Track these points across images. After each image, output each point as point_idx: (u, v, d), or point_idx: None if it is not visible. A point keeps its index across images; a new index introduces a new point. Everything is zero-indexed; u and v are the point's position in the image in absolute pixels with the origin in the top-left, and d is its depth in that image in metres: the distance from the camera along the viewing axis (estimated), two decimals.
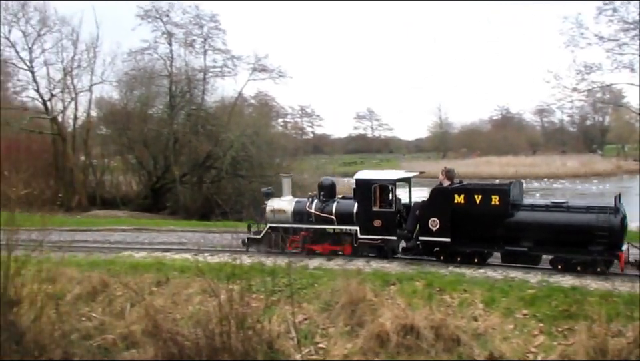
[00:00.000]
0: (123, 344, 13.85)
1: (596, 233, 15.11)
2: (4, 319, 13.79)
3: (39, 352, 13.84)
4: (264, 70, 51.65)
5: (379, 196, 17.88)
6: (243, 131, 48.07)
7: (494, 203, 16.19)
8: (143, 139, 50.83)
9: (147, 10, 49.57)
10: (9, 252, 14.21)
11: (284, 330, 13.42)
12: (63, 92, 51.60)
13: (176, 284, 16.03)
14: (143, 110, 52.59)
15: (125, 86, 53.15)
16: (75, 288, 16.31)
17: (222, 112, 53.29)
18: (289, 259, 14.84)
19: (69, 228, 25.93)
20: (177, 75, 50.64)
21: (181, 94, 50.74)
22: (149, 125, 51.06)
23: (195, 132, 48.98)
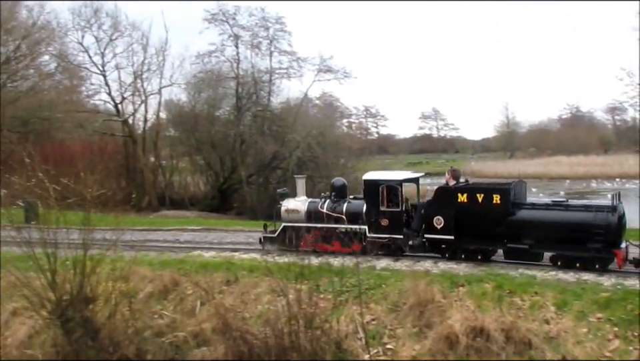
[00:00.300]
0: (194, 342, 14.14)
1: (594, 231, 15.48)
2: (80, 315, 14.24)
3: (113, 348, 14.25)
4: (329, 71, 51.86)
5: (386, 196, 18.39)
6: (309, 132, 48.35)
7: (495, 202, 16.61)
8: (210, 140, 51.64)
9: (214, 13, 50.46)
10: (85, 251, 14.68)
11: (352, 330, 13.46)
12: (133, 95, 53.05)
13: (245, 283, 16.21)
14: (210, 112, 53.48)
15: (193, 89, 54.17)
16: (147, 286, 16.67)
17: (287, 113, 53.72)
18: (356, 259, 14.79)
19: (141, 227, 26.57)
20: (244, 77, 51.30)
21: (247, 96, 51.36)
22: (216, 127, 51.85)
23: (261, 134, 49.52)
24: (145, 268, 17.47)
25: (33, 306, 14.74)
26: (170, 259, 18.80)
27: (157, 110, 55.00)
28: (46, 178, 15.15)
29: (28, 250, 14.70)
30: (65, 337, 14.38)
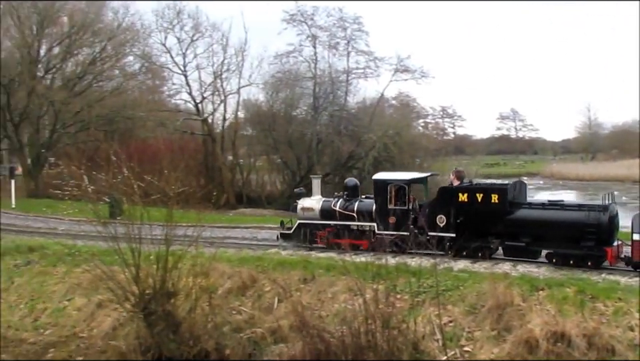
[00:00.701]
0: (271, 338, 14.32)
1: (586, 229, 16.26)
2: (162, 309, 14.63)
3: (193, 342, 14.58)
4: (406, 70, 51.57)
5: (394, 195, 19.44)
6: (385, 132, 48.19)
7: (494, 201, 17.46)
8: (287, 140, 52.13)
9: (292, 14, 50.95)
10: (167, 247, 15.07)
11: (429, 332, 13.36)
12: (213, 94, 54.14)
13: (321, 281, 16.30)
14: (287, 112, 54.01)
15: (271, 89, 54.81)
16: (226, 283, 16.97)
17: (364, 113, 53.68)
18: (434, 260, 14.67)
19: (220, 225, 27.08)
20: (321, 77, 51.60)
21: (325, 96, 51.62)
22: (293, 126, 52.31)
23: (338, 133, 49.69)
24: (224, 265, 17.79)
25: (118, 299, 15.22)
26: (248, 256, 19.09)
27: (235, 109, 56.01)
28: (131, 175, 15.64)
29: (113, 245, 15.19)
30: (147, 330, 14.80)
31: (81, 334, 16.90)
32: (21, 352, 15.96)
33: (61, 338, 16.86)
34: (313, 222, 20.86)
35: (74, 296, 18.77)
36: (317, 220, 20.84)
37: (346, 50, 51.29)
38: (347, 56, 51.40)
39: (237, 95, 54.71)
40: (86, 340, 16.45)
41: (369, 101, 55.51)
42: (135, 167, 15.89)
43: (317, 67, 51.52)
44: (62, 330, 17.31)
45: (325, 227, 20.66)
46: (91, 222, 16.40)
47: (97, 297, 17.66)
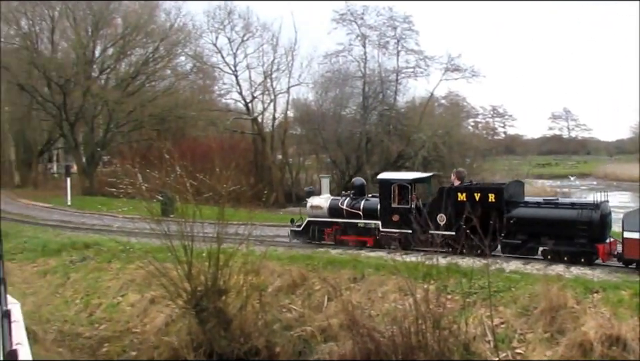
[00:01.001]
0: (321, 337, 14.36)
1: (578, 227, 16.65)
2: (213, 306, 14.82)
3: (244, 339, 14.75)
4: (457, 70, 51.08)
5: (398, 194, 20.02)
6: (435, 131, 47.85)
7: (491, 200, 17.95)
8: (336, 139, 52.15)
9: (342, 14, 50.97)
10: (218, 245, 15.26)
11: (480, 333, 13.22)
12: (263, 94, 54.48)
13: (371, 281, 16.28)
14: (336, 111, 54.02)
15: (320, 88, 54.92)
16: (276, 281, 17.09)
17: (413, 112, 53.38)
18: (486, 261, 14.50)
19: (270, 223, 27.26)
20: (370, 76, 51.50)
21: (374, 95, 51.51)
22: (342, 125, 52.32)
23: (387, 133, 49.54)
24: (274, 263, 17.91)
25: (170, 295, 15.48)
26: (298, 255, 19.16)
27: (285, 108, 56.31)
28: (183, 173, 15.89)
29: (166, 242, 15.45)
30: (199, 326, 15.02)
31: (134, 329, 17.22)
32: (77, 346, 16.35)
33: (115, 332, 17.21)
34: (322, 220, 21.57)
35: (127, 292, 19.14)
36: (325, 217, 21.57)
37: (396, 50, 51.09)
38: (397, 55, 51.20)
39: (287, 94, 55.09)
40: (139, 335, 16.76)
41: (418, 100, 55.22)
42: (187, 166, 16.13)
43: (366, 66, 51.47)
44: (116, 325, 17.66)
45: (332, 224, 21.34)
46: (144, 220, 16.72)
47: (149, 293, 17.98)
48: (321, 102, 55.66)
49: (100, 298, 19.52)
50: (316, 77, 54.66)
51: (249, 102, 54.39)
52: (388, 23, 50.89)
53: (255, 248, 17.27)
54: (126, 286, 19.55)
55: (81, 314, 18.84)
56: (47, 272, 22.65)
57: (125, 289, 19.42)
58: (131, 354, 15.84)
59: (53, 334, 16.76)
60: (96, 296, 19.68)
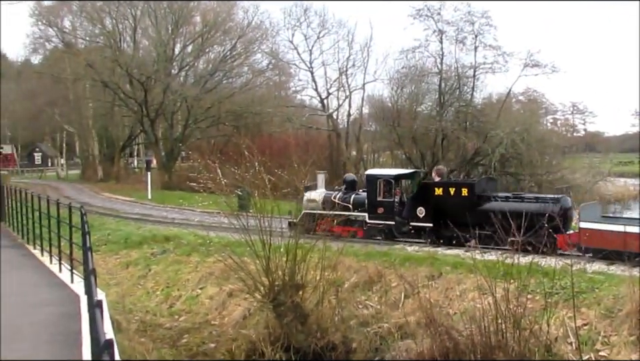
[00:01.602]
0: (398, 334, 14.30)
1: (541, 219, 17.08)
2: (291, 301, 14.96)
3: (320, 334, 14.83)
4: (536, 65, 49.71)
5: (383, 188, 21.68)
6: (513, 128, 46.86)
7: (464, 194, 19.70)
8: (411, 135, 51.74)
9: (419, 9, 50.40)
10: (296, 240, 15.39)
11: (562, 334, 12.91)
12: (338, 90, 54.55)
13: (449, 279, 16.11)
14: (412, 107, 53.59)
15: (396, 84, 54.59)
16: (353, 277, 17.11)
17: (490, 109, 52.43)
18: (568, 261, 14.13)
19: None
20: (447, 72, 50.79)
21: (450, 92, 50.82)
22: (417, 122, 51.86)
23: (463, 129, 48.78)
24: (351, 259, 17.95)
25: (248, 289, 15.71)
26: (374, 251, 19.14)
27: (360, 105, 56.23)
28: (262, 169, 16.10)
29: (245, 236, 15.68)
30: (276, 320, 15.20)
31: (213, 322, 17.55)
32: (158, 336, 16.75)
33: (195, 324, 17.58)
34: (316, 212, 22.57)
35: (206, 285, 19.52)
36: (319, 210, 22.72)
37: (473, 45, 50.10)
38: (475, 51, 50.21)
39: (362, 91, 54.98)
40: (217, 328, 17.07)
41: (495, 97, 54.19)
42: (265, 161, 16.33)
43: (443, 62, 50.74)
44: (195, 316, 18.04)
45: (325, 217, 22.06)
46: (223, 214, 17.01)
47: (228, 286, 18.29)
48: (396, 98, 55.29)
49: (180, 290, 19.98)
50: (391, 73, 54.35)
51: (324, 99, 54.60)
52: (465, 18, 50.00)
53: (331, 243, 17.33)
54: (205, 278, 19.94)
55: (161, 305, 19.33)
56: (129, 263, 23.36)
57: (203, 282, 19.82)
58: (210, 345, 16.13)
59: (136, 324, 17.23)
60: (176, 288, 20.15)
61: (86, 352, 9.64)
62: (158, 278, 21.25)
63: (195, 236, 23.10)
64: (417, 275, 16.20)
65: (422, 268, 16.87)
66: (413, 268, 16.80)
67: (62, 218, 17.55)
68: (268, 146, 38.01)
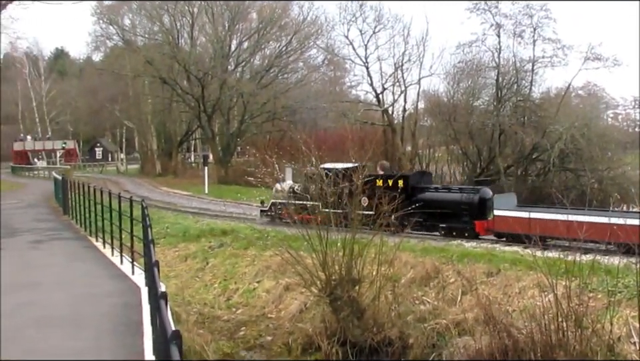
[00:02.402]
0: (456, 330, 14.17)
1: (462, 207, 21.28)
2: (347, 295, 14.98)
3: (377, 329, 14.81)
4: (597, 59, 48.52)
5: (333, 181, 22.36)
6: (572, 123, 45.87)
7: (400, 186, 21.93)
8: (468, 130, 51.17)
9: (476, 3, 49.75)
10: (352, 235, 15.40)
11: (625, 334, 12.60)
12: (393, 85, 54.28)
13: (507, 276, 15.89)
14: (468, 102, 53.00)
15: (452, 79, 54.05)
16: (409, 272, 17.04)
17: (548, 103, 51.42)
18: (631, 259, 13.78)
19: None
20: (505, 67, 50.02)
21: (508, 86, 50.06)
22: (474, 117, 51.25)
23: (521, 124, 47.99)
24: (407, 255, 17.87)
25: (305, 283, 15.78)
26: (430, 247, 19.03)
27: (415, 100, 55.86)
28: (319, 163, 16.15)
29: (302, 231, 15.76)
30: (333, 315, 15.23)
31: (270, 315, 17.71)
32: (216, 328, 16.98)
33: (252, 317, 17.77)
34: (281, 201, 25.47)
35: (263, 278, 19.71)
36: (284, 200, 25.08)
37: (532, 39, 49.22)
38: (533, 44, 49.30)
39: (418, 86, 54.59)
40: (274, 321, 17.21)
41: (553, 91, 53.08)
42: (323, 156, 16.37)
43: (500, 56, 50.00)
44: (252, 309, 18.23)
45: (288, 205, 24.17)
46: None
47: (284, 280, 18.42)
48: (452, 93, 54.76)
49: (237, 283, 20.22)
50: (447, 68, 53.82)
51: (379, 94, 54.35)
52: (524, 11, 49.09)
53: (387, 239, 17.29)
54: (261, 272, 20.13)
55: (219, 297, 19.59)
56: (187, 256, 23.74)
57: (260, 275, 20.01)
58: (267, 338, 16.28)
59: (194, 316, 17.50)
60: (233, 281, 20.40)
61: (147, 342, 9.85)
62: (215, 271, 21.54)
63: (252, 230, 23.33)
64: (474, 271, 16.02)
65: (480, 264, 16.68)
66: (471, 265, 16.62)
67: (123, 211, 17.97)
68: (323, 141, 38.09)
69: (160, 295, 5.84)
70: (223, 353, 15.26)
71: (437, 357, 13.87)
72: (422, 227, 21.63)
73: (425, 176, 25.58)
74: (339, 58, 58.67)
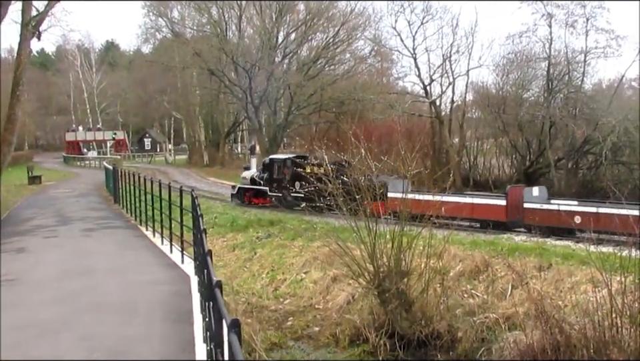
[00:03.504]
0: (506, 325, 13.99)
1: None
2: (396, 288, 14.91)
3: (425, 321, 14.71)
4: None
5: (276, 169, 30.69)
6: (626, 115, 44.79)
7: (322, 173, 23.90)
8: (517, 123, 50.44)
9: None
10: (401, 227, 15.31)
11: None
12: (441, 77, 53.77)
13: (559, 270, 15.61)
14: (518, 94, 52.22)
15: (501, 70, 53.30)
16: (458, 265, 16.88)
17: (601, 95, 50.32)
18: None
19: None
20: (556, 58, 49.10)
21: (559, 77, 49.13)
22: (523, 109, 50.48)
23: (572, 117, 47.07)
24: (456, 248, 17.71)
25: (353, 274, 15.75)
26: (479, 240, 18.82)
27: (463, 91, 55.26)
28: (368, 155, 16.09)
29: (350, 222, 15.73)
30: (380, 306, 15.19)
31: (317, 306, 17.74)
32: (264, 318, 17.08)
33: (299, 308, 17.83)
34: (243, 186, 32.59)
35: (310, 269, 19.76)
36: (247, 185, 32.54)
37: (584, 29, 48.13)
38: (586, 35, 48.26)
39: (466, 77, 53.98)
40: (322, 312, 17.25)
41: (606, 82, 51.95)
42: (372, 148, 16.30)
43: (551, 47, 49.05)
44: (299, 300, 18.30)
45: (248, 190, 32.20)
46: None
47: (332, 271, 18.43)
48: (501, 84, 54.00)
49: (284, 273, 20.31)
50: (497, 59, 53.14)
51: (427, 85, 53.89)
52: (577, 1, 48.09)
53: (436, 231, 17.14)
54: (309, 263, 20.19)
55: (266, 288, 19.71)
56: (235, 246, 23.96)
57: (307, 266, 20.06)
58: (314, 329, 16.32)
59: (243, 305, 17.64)
60: (281, 272, 20.50)
61: (198, 330, 9.97)
62: (263, 261, 21.69)
63: (299, 220, 23.41)
64: (525, 265, 15.78)
65: (530, 258, 16.42)
66: (521, 259, 16.37)
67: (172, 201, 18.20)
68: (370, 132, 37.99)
69: (215, 284, 5.90)
70: (270, 342, 15.35)
71: (486, 351, 13.71)
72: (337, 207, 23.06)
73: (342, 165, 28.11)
74: (387, 49, 58.31)
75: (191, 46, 57.41)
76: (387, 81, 62.29)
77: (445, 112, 54.90)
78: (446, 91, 54.07)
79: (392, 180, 22.86)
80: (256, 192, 31.30)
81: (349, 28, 56.57)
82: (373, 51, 60.01)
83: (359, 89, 55.13)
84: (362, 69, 60.42)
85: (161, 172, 56.63)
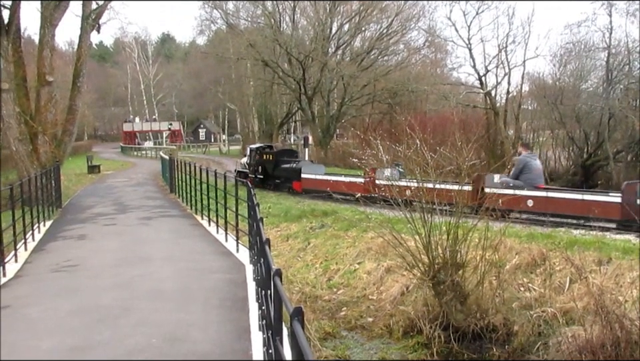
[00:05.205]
0: (563, 319, 13.75)
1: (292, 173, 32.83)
2: (450, 280, 14.80)
3: (480, 314, 14.56)
4: None
5: (254, 156, 37.15)
6: None
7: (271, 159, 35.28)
8: (574, 114, 49.47)
9: None
10: (457, 219, 15.18)
11: None
12: (497, 67, 53.05)
13: (619, 265, 15.23)
14: (575, 85, 51.19)
15: (558, 61, 52.33)
16: (514, 258, 16.64)
17: None
18: None
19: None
20: (616, 47, 47.96)
21: (619, 68, 47.96)
22: (581, 100, 49.47)
23: (632, 108, 45.93)
24: (512, 240, 17.45)
25: (407, 265, 15.68)
26: (536, 233, 18.50)
27: (519, 82, 54.42)
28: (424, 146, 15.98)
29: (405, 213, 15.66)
30: (435, 298, 15.09)
31: (371, 297, 17.71)
32: (318, 308, 17.16)
33: (352, 298, 17.83)
34: (239, 170, 38.38)
35: (364, 260, 19.73)
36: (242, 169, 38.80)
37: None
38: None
39: (522, 68, 53.22)
40: (375, 303, 17.21)
41: None
42: (428, 139, 16.18)
43: (611, 36, 47.94)
44: (353, 291, 18.30)
45: (241, 173, 37.30)
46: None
47: (386, 262, 18.39)
48: (559, 75, 53.05)
49: (338, 264, 20.34)
50: (554, 49, 52.14)
51: (482, 76, 53.27)
52: None
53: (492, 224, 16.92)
54: (362, 254, 20.16)
55: (320, 278, 19.76)
56: (289, 236, 24.10)
57: (361, 257, 20.05)
58: (368, 319, 16.31)
59: (297, 295, 17.76)
60: (334, 262, 20.53)
61: (253, 318, 10.08)
62: (317, 252, 21.76)
63: (353, 211, 23.40)
64: (583, 259, 15.45)
65: (589, 252, 16.06)
66: (580, 252, 16.03)
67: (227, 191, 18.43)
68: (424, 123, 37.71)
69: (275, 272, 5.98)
70: (324, 332, 15.41)
71: (543, 346, 13.50)
72: (275, 186, 34.51)
73: (289, 152, 38.30)
74: (441, 40, 57.95)
75: (245, 38, 57.90)
76: (441, 72, 61.83)
77: (500, 103, 54.14)
78: (501, 82, 53.43)
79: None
80: (245, 175, 36.76)
81: (402, 18, 56.30)
82: (427, 42, 59.66)
83: (412, 80, 54.88)
84: (416, 60, 60.09)
85: (216, 163, 57.26)
